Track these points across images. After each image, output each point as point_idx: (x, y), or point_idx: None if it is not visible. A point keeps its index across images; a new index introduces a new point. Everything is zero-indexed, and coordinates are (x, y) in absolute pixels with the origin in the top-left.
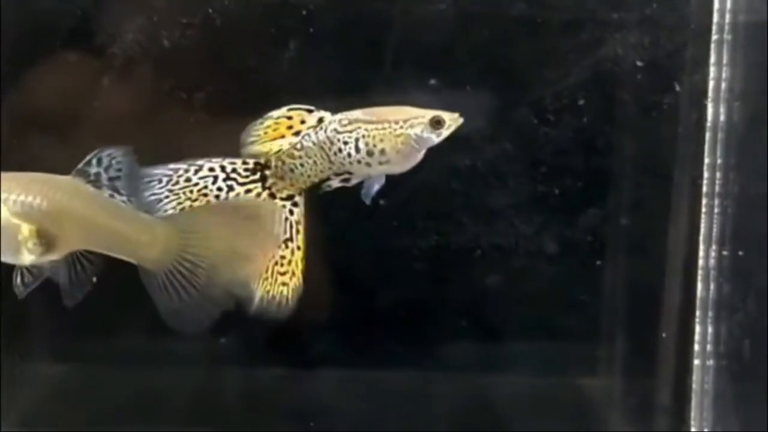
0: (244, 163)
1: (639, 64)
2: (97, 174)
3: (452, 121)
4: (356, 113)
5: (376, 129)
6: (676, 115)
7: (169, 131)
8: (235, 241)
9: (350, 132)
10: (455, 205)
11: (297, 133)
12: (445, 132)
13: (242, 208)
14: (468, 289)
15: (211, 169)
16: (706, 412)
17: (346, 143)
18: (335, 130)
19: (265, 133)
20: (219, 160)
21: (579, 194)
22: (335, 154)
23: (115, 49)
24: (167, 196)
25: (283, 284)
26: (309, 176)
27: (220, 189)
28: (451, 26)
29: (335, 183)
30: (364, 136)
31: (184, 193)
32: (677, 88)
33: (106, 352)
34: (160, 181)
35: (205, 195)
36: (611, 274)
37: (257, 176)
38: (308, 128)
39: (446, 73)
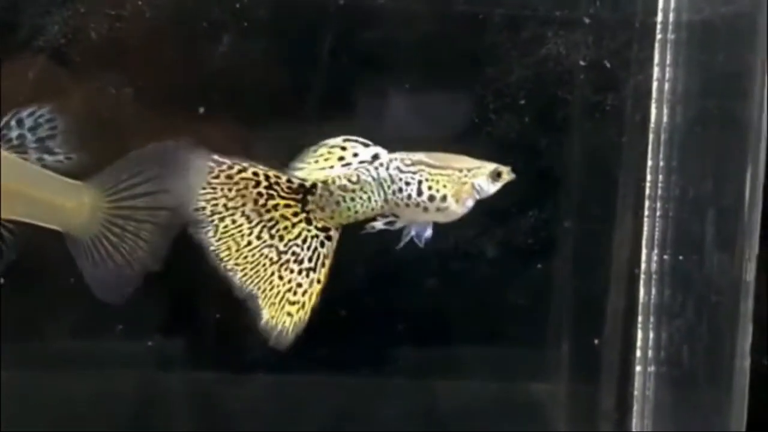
0: (289, 181)
1: (582, 63)
2: (21, 136)
3: (509, 175)
4: (419, 155)
5: (441, 174)
6: (619, 115)
7: (97, 125)
8: (160, 191)
9: (413, 173)
10: None
11: (346, 165)
12: (500, 185)
13: (161, 152)
14: (411, 294)
15: (255, 174)
16: (647, 419)
17: (408, 184)
18: (398, 168)
19: (316, 161)
20: (265, 169)
21: (521, 196)
22: (394, 193)
23: (40, 42)
24: (204, 188)
25: (288, 314)
26: (355, 212)
27: (260, 194)
28: (390, 22)
29: (379, 225)
30: (427, 180)
31: (221, 189)
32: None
33: (35, 357)
34: (204, 170)
35: (243, 196)
36: (554, 278)
37: (299, 196)
38: (360, 162)
39: (385, 71)
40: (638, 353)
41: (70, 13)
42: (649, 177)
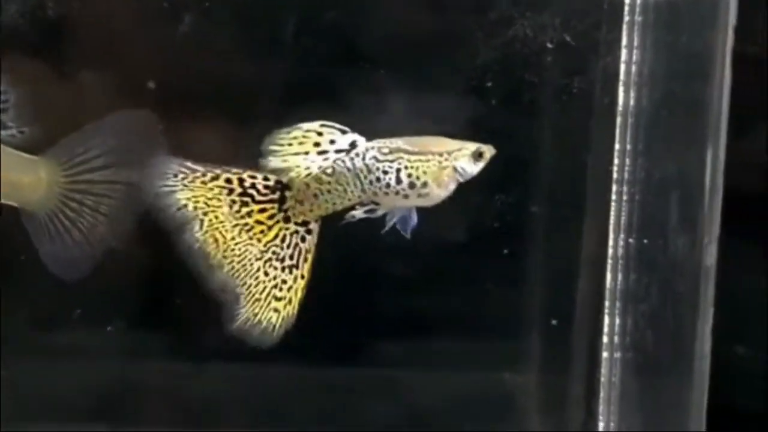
0: (265, 179)
1: (550, 45)
2: None
3: (491, 152)
4: (397, 141)
5: (420, 161)
6: (587, 98)
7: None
8: (118, 163)
9: (391, 162)
10: None
11: (322, 152)
12: (483, 164)
13: (118, 122)
14: (375, 282)
15: (228, 180)
16: (613, 405)
17: (386, 173)
18: (375, 158)
19: (290, 144)
20: (239, 171)
21: (487, 180)
22: (371, 182)
23: None
24: (181, 189)
25: (275, 311)
26: (333, 204)
27: (233, 201)
28: (355, 4)
29: (359, 213)
30: (407, 167)
31: (197, 192)
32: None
33: None
34: (176, 176)
35: (219, 200)
36: (521, 263)
37: (276, 195)
38: (337, 150)
39: (350, 54)
40: (605, 339)
41: None
42: (616, 161)
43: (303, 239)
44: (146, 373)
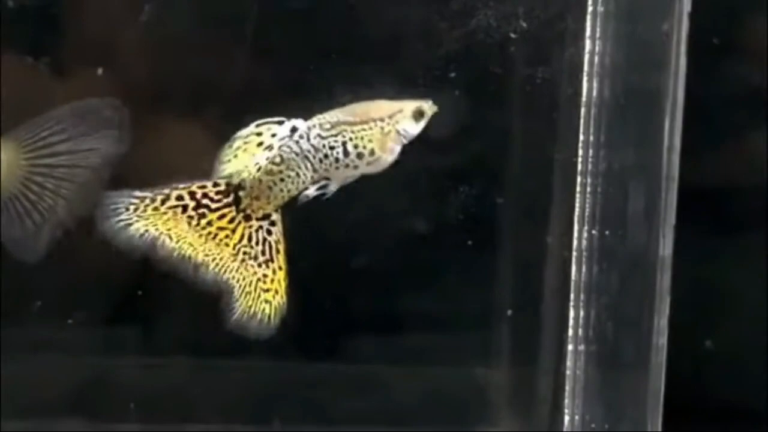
0: (215, 185)
1: (513, 35)
2: None
3: (431, 109)
4: (335, 114)
5: (363, 130)
6: (551, 89)
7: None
8: (82, 150)
9: (335, 136)
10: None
11: (267, 147)
12: (425, 122)
13: (84, 109)
14: (341, 277)
15: (179, 197)
16: (577, 398)
17: (332, 148)
18: (319, 135)
19: (236, 156)
20: (187, 185)
21: (452, 172)
22: (320, 161)
23: None
24: (137, 220)
25: (266, 302)
26: (289, 191)
27: (191, 217)
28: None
29: (312, 192)
30: (351, 139)
31: (154, 219)
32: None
33: None
34: (128, 209)
35: (177, 221)
36: (487, 255)
37: (230, 198)
38: (280, 140)
39: (308, 46)
40: (570, 332)
41: None
42: (581, 152)
43: (269, 232)
44: (119, 368)
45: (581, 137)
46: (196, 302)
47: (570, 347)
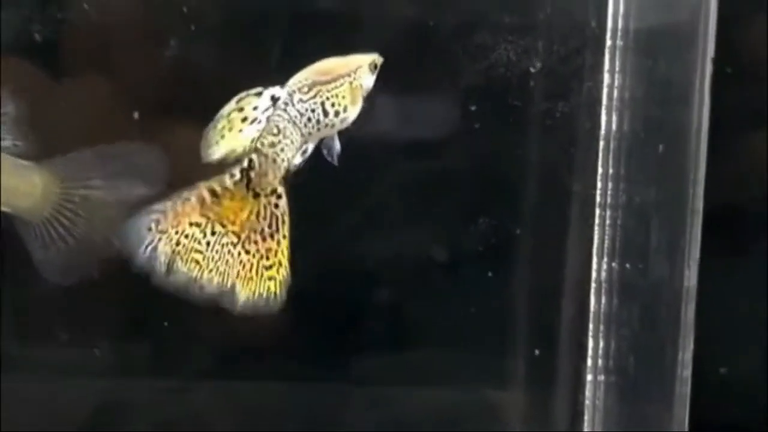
0: (231, 176)
1: (533, 70)
2: None
3: (379, 59)
4: (306, 76)
5: (335, 87)
6: (570, 122)
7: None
8: (115, 188)
9: (313, 97)
10: (347, 214)
11: (253, 121)
12: (376, 74)
13: (122, 151)
14: (364, 302)
15: (201, 198)
16: (597, 427)
17: (313, 110)
18: (301, 100)
19: (222, 137)
20: (205, 184)
21: (472, 204)
22: (305, 125)
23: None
24: (160, 239)
25: (270, 279)
26: (287, 160)
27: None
28: (338, 26)
29: (298, 158)
30: (328, 98)
31: (176, 231)
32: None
33: None
34: (150, 229)
35: (200, 222)
36: (506, 285)
37: (243, 182)
38: (264, 111)
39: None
40: (589, 362)
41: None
42: (599, 185)
43: (276, 206)
44: (133, 391)
45: (600, 170)
46: (207, 323)
47: (589, 377)
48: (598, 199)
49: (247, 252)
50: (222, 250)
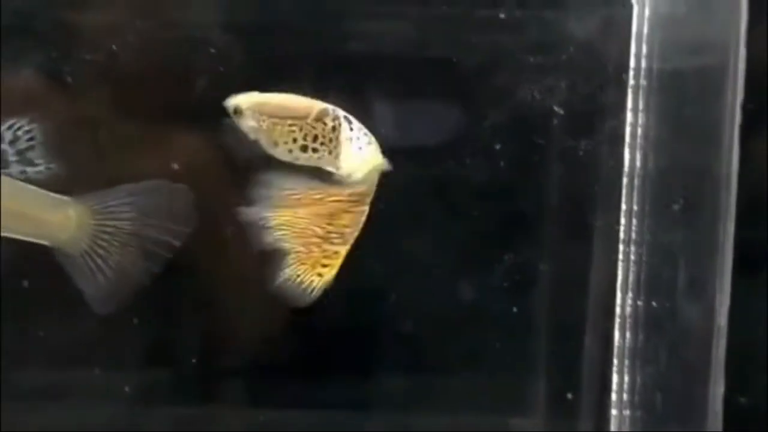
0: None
1: (556, 108)
2: (2, 151)
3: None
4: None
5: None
6: (593, 160)
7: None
8: (146, 223)
9: None
10: (371, 249)
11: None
12: None
13: (153, 189)
14: (390, 341)
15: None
16: None
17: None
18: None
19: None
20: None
21: (497, 240)
22: None
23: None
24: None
25: (319, 275)
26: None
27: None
28: (363, 66)
29: None
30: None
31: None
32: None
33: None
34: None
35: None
36: (530, 320)
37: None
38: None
39: (358, 114)
40: (614, 397)
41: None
42: (622, 221)
43: (361, 218)
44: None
45: (623, 207)
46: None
47: (614, 412)
48: (621, 235)
49: (319, 246)
50: (306, 227)
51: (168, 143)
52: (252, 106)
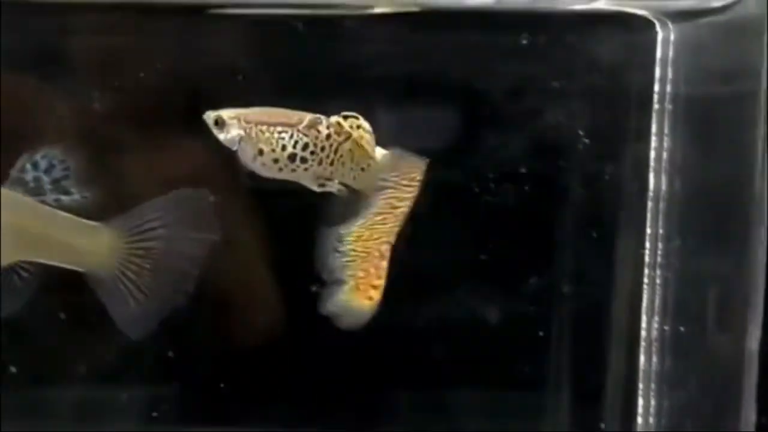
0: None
1: (581, 132)
2: (37, 179)
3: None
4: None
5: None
6: (618, 184)
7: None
8: (176, 235)
9: None
10: (395, 272)
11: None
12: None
13: (177, 201)
14: (415, 365)
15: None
16: None
17: None
18: None
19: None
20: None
21: (522, 263)
22: None
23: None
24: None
25: (369, 298)
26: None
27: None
28: (391, 89)
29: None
30: None
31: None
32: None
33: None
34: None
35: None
36: (555, 344)
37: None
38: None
39: (386, 138)
40: (640, 420)
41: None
42: (648, 245)
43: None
44: None
45: (648, 230)
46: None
47: None
48: (647, 259)
49: (377, 267)
50: (374, 248)
51: (188, 160)
52: (236, 115)
